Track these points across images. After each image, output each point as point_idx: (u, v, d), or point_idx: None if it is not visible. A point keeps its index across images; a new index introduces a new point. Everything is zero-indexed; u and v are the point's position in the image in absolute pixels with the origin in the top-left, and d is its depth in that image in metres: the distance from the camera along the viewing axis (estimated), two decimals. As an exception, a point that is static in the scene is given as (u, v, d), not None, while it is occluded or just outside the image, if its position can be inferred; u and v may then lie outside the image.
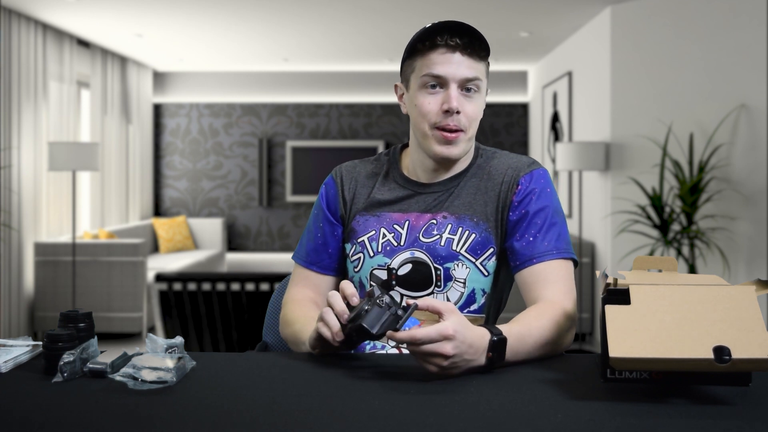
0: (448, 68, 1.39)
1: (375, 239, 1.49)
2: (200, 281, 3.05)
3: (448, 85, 1.40)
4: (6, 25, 5.13)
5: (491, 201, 1.46)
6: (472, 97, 1.42)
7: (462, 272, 1.44)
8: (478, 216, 1.46)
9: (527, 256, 1.41)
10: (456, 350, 1.11)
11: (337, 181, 1.57)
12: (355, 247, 1.51)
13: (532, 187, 1.45)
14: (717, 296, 1.06)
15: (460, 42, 1.39)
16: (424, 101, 1.42)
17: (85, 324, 1.23)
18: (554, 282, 1.38)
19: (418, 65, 1.42)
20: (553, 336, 1.27)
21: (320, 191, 1.60)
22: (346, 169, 1.59)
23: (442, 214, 1.47)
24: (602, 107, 5.20)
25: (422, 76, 1.41)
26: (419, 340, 1.10)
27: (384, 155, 1.59)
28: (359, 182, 1.56)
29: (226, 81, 8.21)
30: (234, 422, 0.94)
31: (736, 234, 4.59)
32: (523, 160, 1.49)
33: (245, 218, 8.25)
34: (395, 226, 1.48)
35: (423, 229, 1.46)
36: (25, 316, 5.35)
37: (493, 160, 1.51)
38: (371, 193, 1.53)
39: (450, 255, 1.44)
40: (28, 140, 5.37)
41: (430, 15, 5.28)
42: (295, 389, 1.08)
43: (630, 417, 0.95)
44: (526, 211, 1.43)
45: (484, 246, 1.44)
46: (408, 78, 1.46)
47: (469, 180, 1.49)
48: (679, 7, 4.81)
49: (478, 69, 1.41)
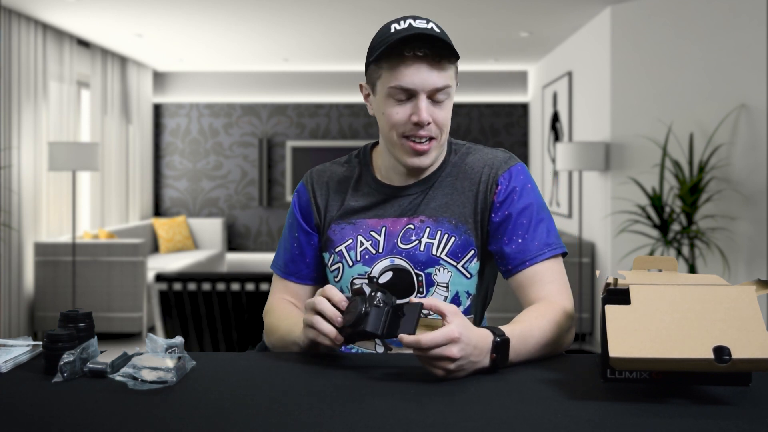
0: (416, 80, 1.33)
1: (353, 248, 1.45)
2: (200, 281, 3.05)
3: (417, 96, 1.35)
4: (6, 25, 5.13)
5: (469, 201, 1.43)
6: (442, 103, 1.37)
7: (444, 276, 1.41)
8: (456, 218, 1.42)
9: (519, 260, 1.38)
10: (462, 353, 1.11)
11: (308, 188, 1.53)
12: (333, 257, 1.47)
13: (512, 186, 1.42)
14: (717, 296, 1.06)
15: (429, 52, 1.32)
16: (392, 111, 1.36)
17: (85, 324, 1.23)
18: (550, 282, 1.37)
19: (385, 74, 1.36)
20: (554, 335, 1.27)
21: (293, 199, 1.56)
22: (317, 174, 1.54)
23: (419, 218, 1.43)
24: (602, 107, 5.20)
25: (389, 87, 1.35)
26: (426, 345, 1.10)
27: (354, 156, 1.54)
28: (331, 188, 1.51)
29: (226, 81, 8.21)
30: (234, 422, 0.94)
31: (736, 234, 4.59)
32: (499, 156, 1.45)
33: (245, 218, 8.25)
34: (372, 233, 1.45)
35: (401, 234, 1.43)
36: (25, 316, 5.35)
37: (467, 157, 1.47)
38: (345, 200, 1.49)
39: (430, 260, 1.41)
40: (28, 140, 5.37)
41: (430, 15, 5.27)
42: (295, 389, 1.08)
43: (630, 417, 0.95)
44: (509, 213, 1.40)
45: (464, 249, 1.41)
46: (374, 83, 1.40)
47: (444, 180, 1.46)
48: (679, 7, 4.81)
49: (447, 76, 1.36)
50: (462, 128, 8.08)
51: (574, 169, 5.18)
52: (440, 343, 1.09)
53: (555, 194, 6.72)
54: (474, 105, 8.11)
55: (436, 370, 1.12)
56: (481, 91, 8.09)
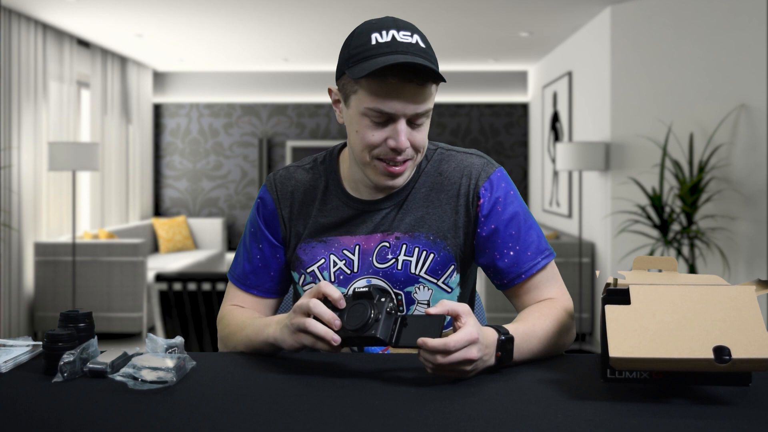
0: (397, 105, 1.23)
1: (326, 268, 1.37)
2: (200, 281, 3.05)
3: (396, 119, 1.25)
4: (6, 25, 5.13)
5: (447, 216, 1.36)
6: (421, 125, 1.28)
7: (424, 294, 1.36)
8: (434, 233, 1.35)
9: (515, 274, 1.35)
10: (480, 353, 1.10)
11: (273, 197, 1.42)
12: (304, 277, 1.39)
13: (495, 197, 1.35)
14: (717, 296, 1.06)
15: (415, 77, 1.22)
16: (367, 133, 1.26)
17: (85, 324, 1.23)
18: (546, 286, 1.37)
19: (363, 92, 1.25)
20: (556, 334, 1.27)
21: (255, 205, 1.45)
22: (280, 180, 1.43)
23: (394, 235, 1.35)
24: (602, 107, 5.20)
25: (367, 107, 1.25)
26: (454, 347, 1.06)
27: (320, 163, 1.44)
28: (296, 198, 1.41)
29: (226, 81, 8.21)
30: (234, 422, 0.94)
31: (736, 234, 4.59)
32: (476, 163, 1.37)
33: (245, 218, 8.25)
34: (345, 252, 1.37)
35: (376, 252, 1.36)
36: (25, 316, 5.35)
37: (441, 165, 1.38)
38: (312, 214, 1.40)
39: (409, 279, 1.35)
40: (28, 140, 5.37)
41: (430, 15, 5.28)
42: (295, 389, 1.08)
43: (630, 417, 0.95)
44: (496, 226, 1.35)
45: (444, 265, 1.35)
46: (347, 94, 1.29)
47: (417, 191, 1.37)
48: (679, 7, 4.81)
49: (428, 100, 1.26)
50: (462, 128, 8.08)
51: (574, 169, 5.18)
52: (464, 345, 1.07)
53: (555, 194, 6.72)
54: (474, 105, 8.11)
55: (453, 373, 1.10)
56: (481, 91, 8.09)
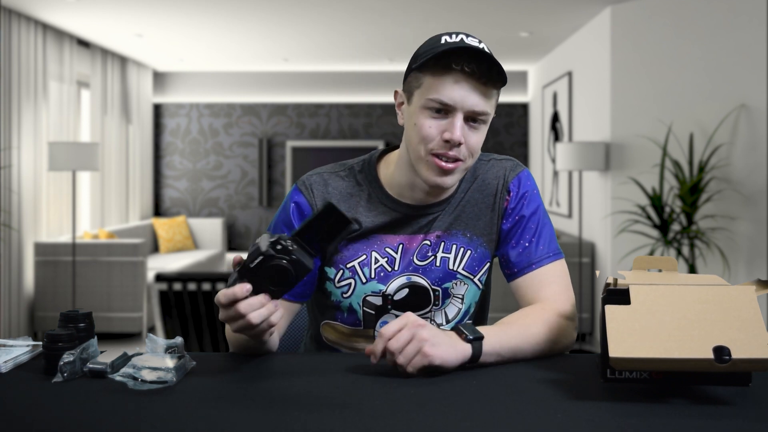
0: (457, 96, 1.27)
1: (367, 264, 1.39)
2: (200, 281, 3.05)
3: (454, 113, 1.28)
4: (6, 25, 5.13)
5: (483, 214, 1.42)
6: (478, 129, 1.31)
7: (461, 289, 1.42)
8: (471, 231, 1.41)
9: (525, 264, 1.39)
10: (429, 331, 1.14)
11: (310, 201, 1.40)
12: (342, 272, 1.40)
13: (522, 191, 1.43)
14: (717, 296, 1.06)
15: (477, 70, 1.26)
16: (425, 124, 1.30)
17: (85, 324, 1.23)
18: (551, 284, 1.38)
19: (426, 84, 1.29)
20: (540, 329, 1.27)
21: (288, 208, 1.42)
22: (316, 185, 1.42)
23: (435, 234, 1.40)
24: (602, 107, 5.20)
25: (428, 98, 1.28)
26: (386, 335, 1.14)
27: (358, 171, 1.44)
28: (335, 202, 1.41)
29: (226, 81, 8.21)
30: (234, 422, 0.94)
31: (736, 234, 4.59)
32: (506, 165, 1.45)
33: (245, 218, 8.25)
34: (387, 249, 1.40)
35: (417, 251, 1.40)
36: (25, 316, 5.35)
37: (477, 171, 1.44)
38: (356, 219, 1.40)
39: (447, 275, 1.40)
40: (28, 140, 5.37)
41: (430, 15, 5.28)
42: (295, 389, 1.08)
43: (630, 417, 0.95)
44: (520, 216, 1.41)
45: (481, 262, 1.42)
46: (411, 91, 1.33)
47: (459, 195, 1.43)
48: (679, 7, 4.81)
49: (489, 103, 1.30)
50: (462, 128, 8.08)
51: (574, 169, 5.18)
52: (398, 327, 1.15)
53: (555, 194, 6.72)
54: (474, 105, 8.10)
55: (420, 362, 1.13)
56: (481, 91, 8.08)
